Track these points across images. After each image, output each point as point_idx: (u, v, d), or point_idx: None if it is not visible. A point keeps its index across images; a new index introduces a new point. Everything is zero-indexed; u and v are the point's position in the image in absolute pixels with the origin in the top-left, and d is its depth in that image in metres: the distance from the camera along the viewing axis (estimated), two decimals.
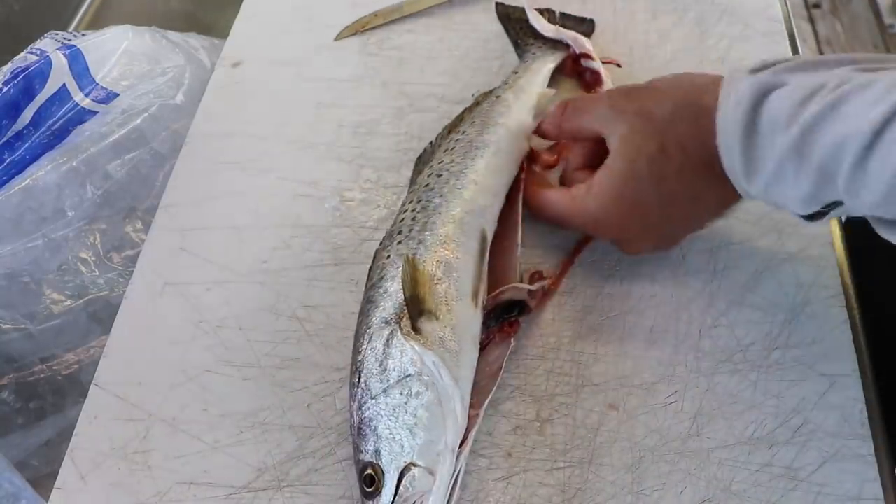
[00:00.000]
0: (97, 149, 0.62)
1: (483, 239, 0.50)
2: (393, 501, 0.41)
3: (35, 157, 0.63)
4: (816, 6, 2.11)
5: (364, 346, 0.46)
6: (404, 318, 0.45)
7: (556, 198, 0.52)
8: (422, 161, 0.60)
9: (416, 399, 0.43)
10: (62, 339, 0.60)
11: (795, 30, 0.68)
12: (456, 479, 0.43)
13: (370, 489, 0.42)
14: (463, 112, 0.62)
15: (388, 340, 0.45)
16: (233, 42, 0.75)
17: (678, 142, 0.46)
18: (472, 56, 0.70)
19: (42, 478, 0.54)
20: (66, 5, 0.84)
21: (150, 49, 0.69)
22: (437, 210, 0.51)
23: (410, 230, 0.50)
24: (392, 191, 0.61)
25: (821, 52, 2.01)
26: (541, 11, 0.70)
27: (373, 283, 0.49)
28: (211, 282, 0.57)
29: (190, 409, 0.51)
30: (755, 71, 0.44)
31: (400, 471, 0.41)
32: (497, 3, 0.73)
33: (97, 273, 0.61)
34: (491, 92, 0.62)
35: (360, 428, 0.43)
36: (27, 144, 0.64)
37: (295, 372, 0.52)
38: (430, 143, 0.60)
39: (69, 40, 0.67)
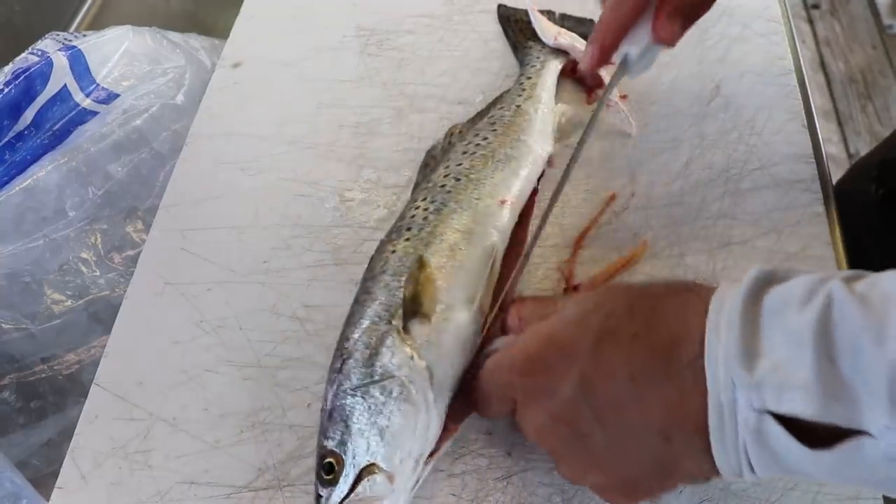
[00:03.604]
0: (98, 149, 0.63)
1: (492, 254, 0.50)
2: (347, 497, 0.41)
3: (36, 158, 0.63)
4: (815, 7, 2.12)
5: (355, 335, 0.46)
6: (397, 317, 0.45)
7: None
8: (431, 156, 0.60)
9: (394, 402, 0.42)
10: (63, 338, 0.60)
11: (794, 30, 0.68)
12: (414, 486, 0.43)
13: (328, 477, 0.42)
14: (480, 114, 0.61)
15: (381, 337, 0.45)
16: (233, 42, 0.75)
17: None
18: (472, 56, 0.70)
19: (43, 477, 0.54)
20: (67, 6, 0.84)
21: (151, 49, 0.69)
22: (451, 216, 0.51)
23: (420, 230, 0.50)
24: (392, 191, 0.61)
25: (819, 53, 2.01)
26: (541, 12, 0.70)
27: (374, 273, 0.49)
28: (211, 282, 0.58)
29: (190, 409, 0.51)
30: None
31: (360, 468, 0.41)
32: (499, 5, 0.73)
33: (98, 273, 0.61)
34: (506, 97, 0.62)
35: (331, 413, 0.43)
36: (28, 145, 0.64)
37: (295, 372, 0.52)
38: (447, 136, 0.60)
39: (70, 41, 0.68)
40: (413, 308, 0.45)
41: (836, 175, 0.64)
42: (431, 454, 0.44)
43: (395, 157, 0.64)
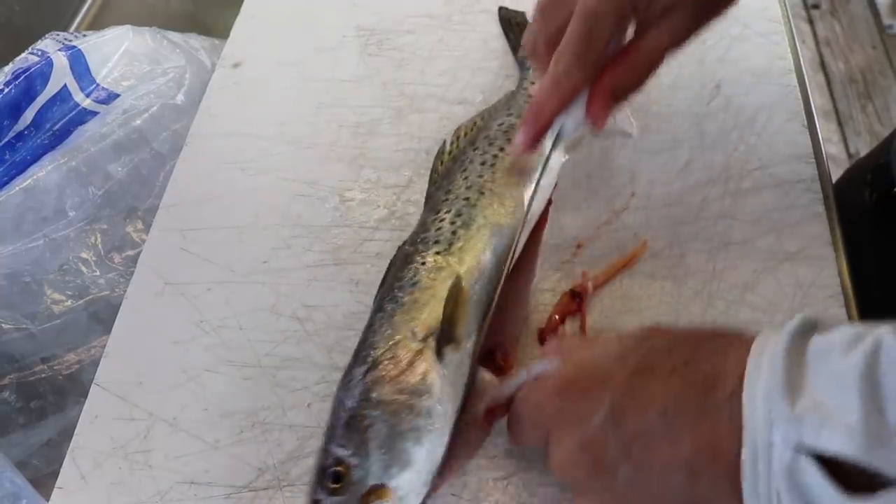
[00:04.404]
0: (98, 149, 0.63)
1: (503, 273, 0.49)
2: None
3: (36, 158, 0.63)
4: (815, 7, 2.12)
5: (383, 345, 0.44)
6: (431, 337, 0.44)
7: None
8: (440, 160, 0.59)
9: (421, 425, 0.41)
10: (63, 338, 0.60)
11: (794, 30, 0.68)
12: None
13: (334, 486, 0.40)
14: (486, 116, 0.60)
15: (415, 354, 0.43)
16: (233, 42, 0.75)
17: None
18: (472, 56, 0.70)
19: (43, 477, 0.54)
20: (68, 6, 0.84)
21: (151, 49, 0.69)
22: (481, 231, 0.50)
23: (451, 245, 0.49)
24: (392, 191, 0.61)
25: (819, 53, 2.01)
26: None
27: (402, 283, 0.48)
28: (211, 282, 0.58)
29: (190, 409, 0.51)
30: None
31: (371, 486, 0.40)
32: (500, 8, 0.73)
33: (98, 273, 0.61)
34: (513, 103, 0.61)
35: (349, 420, 0.42)
36: (28, 145, 0.64)
37: (295, 372, 0.52)
38: (454, 141, 0.59)
39: (70, 41, 0.68)
40: (449, 333, 0.44)
41: (835, 175, 0.64)
42: (434, 489, 0.42)
43: (395, 157, 0.64)
